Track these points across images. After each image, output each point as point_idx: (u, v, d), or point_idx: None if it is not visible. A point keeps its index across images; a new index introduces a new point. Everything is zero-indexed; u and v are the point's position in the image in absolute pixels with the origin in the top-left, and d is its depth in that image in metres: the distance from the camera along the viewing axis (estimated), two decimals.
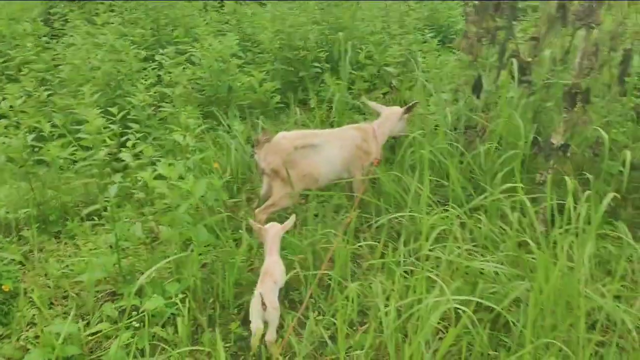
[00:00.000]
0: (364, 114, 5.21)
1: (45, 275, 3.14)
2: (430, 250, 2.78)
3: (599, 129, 3.24)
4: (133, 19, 6.63)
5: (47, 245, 3.43)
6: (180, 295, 2.65)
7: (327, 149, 3.52)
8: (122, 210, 3.38)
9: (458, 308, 2.39)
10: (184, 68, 4.84)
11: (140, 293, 2.78)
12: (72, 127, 4.29)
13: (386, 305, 2.50)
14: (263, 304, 2.50)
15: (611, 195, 2.59)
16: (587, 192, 2.78)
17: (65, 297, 2.99)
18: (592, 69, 3.02)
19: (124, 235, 3.16)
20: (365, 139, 3.68)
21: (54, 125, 4.08)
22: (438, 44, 6.24)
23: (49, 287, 3.03)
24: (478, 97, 3.97)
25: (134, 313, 2.64)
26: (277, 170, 3.39)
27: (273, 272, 2.73)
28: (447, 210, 3.10)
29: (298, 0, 7.07)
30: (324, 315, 2.75)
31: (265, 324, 2.55)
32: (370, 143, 3.69)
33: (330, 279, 2.92)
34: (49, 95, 4.60)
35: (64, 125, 4.22)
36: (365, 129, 3.75)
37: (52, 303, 2.95)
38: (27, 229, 3.45)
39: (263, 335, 2.53)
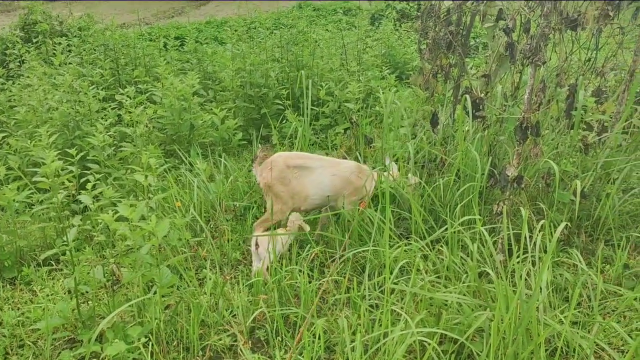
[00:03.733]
0: (326, 148, 5.29)
1: (0, 323, 3.02)
2: (394, 283, 2.81)
3: (549, 160, 3.38)
4: (92, 59, 6.60)
5: (2, 292, 3.30)
6: (143, 339, 2.58)
7: (318, 173, 3.65)
8: (82, 253, 3.30)
9: (423, 340, 2.41)
10: (144, 107, 4.82)
11: (100, 339, 2.70)
12: (28, 169, 4.20)
13: (352, 341, 2.50)
14: (256, 244, 3.24)
15: (564, 224, 2.69)
16: (542, 222, 2.89)
17: (21, 346, 2.87)
18: (541, 104, 3.18)
19: (84, 279, 3.08)
20: (359, 177, 3.71)
21: (9, 168, 3.98)
22: (396, 80, 6.44)
23: (4, 336, 2.90)
24: (435, 131, 4.10)
25: None
26: (270, 186, 3.59)
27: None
28: (409, 243, 3.16)
29: (256, 39, 7.22)
30: (291, 353, 2.73)
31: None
32: (362, 182, 3.69)
33: (296, 316, 2.91)
34: (4, 137, 4.50)
35: (20, 168, 4.13)
36: (363, 169, 3.77)
37: (7, 353, 2.82)
38: None
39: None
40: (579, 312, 2.87)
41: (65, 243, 2.77)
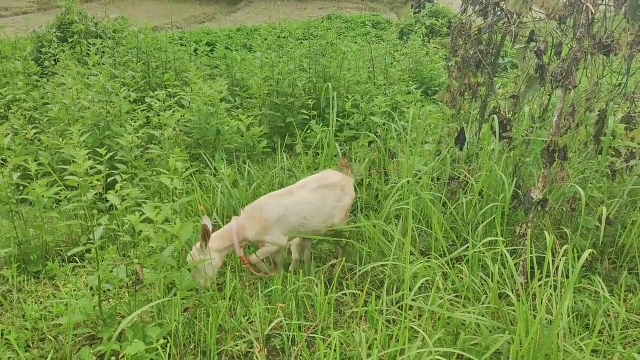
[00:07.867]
0: (350, 160, 5.30)
1: (24, 316, 3.08)
2: (413, 300, 2.81)
3: (576, 185, 3.35)
4: (124, 62, 6.74)
5: (26, 286, 3.38)
6: (162, 341, 2.62)
7: None
8: (107, 252, 3.37)
9: None
10: (173, 111, 4.91)
11: (120, 337, 2.74)
12: (58, 166, 4.30)
13: (369, 355, 2.50)
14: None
15: (589, 251, 2.66)
16: (565, 246, 2.86)
17: (42, 340, 2.93)
18: (569, 128, 3.15)
19: (106, 278, 3.14)
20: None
21: (40, 164, 4.08)
22: (422, 96, 6.44)
23: (26, 329, 2.96)
24: (461, 149, 4.10)
25: (113, 359, 2.59)
26: None
27: None
28: (429, 260, 3.15)
29: (286, 48, 7.29)
30: None
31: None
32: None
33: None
34: (36, 134, 4.62)
35: (50, 164, 4.23)
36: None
37: (29, 346, 2.88)
38: (7, 269, 3.40)
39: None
40: (599, 340, 2.82)
41: (91, 241, 2.83)
